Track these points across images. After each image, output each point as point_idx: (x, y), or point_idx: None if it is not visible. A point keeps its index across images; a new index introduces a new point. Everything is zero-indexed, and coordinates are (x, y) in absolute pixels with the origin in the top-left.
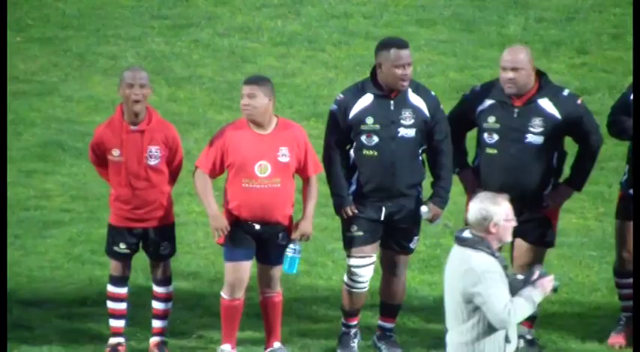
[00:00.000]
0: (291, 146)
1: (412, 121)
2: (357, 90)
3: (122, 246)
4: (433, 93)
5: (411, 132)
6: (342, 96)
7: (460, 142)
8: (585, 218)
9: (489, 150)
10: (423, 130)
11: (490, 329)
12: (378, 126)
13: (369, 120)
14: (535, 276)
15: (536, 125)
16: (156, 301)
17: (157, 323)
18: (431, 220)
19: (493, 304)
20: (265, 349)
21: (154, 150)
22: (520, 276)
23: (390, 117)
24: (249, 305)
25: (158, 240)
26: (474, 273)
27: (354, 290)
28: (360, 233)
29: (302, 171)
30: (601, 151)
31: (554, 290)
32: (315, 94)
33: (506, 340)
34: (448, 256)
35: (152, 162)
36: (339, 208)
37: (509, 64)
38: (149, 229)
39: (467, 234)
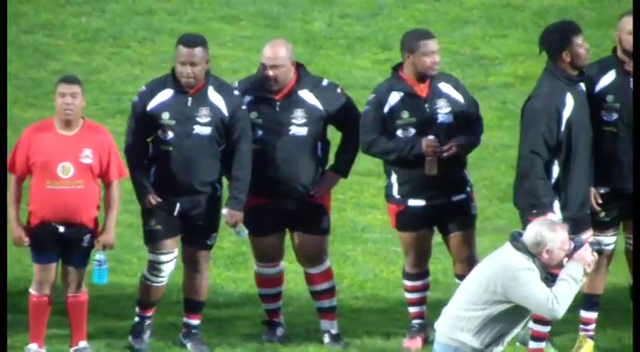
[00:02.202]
0: (94, 148)
1: (209, 119)
2: (159, 84)
3: None
4: (237, 92)
5: (206, 130)
6: (144, 88)
7: None
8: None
9: (255, 146)
10: (220, 129)
11: (490, 324)
12: (173, 122)
13: (165, 115)
14: (570, 250)
15: (299, 117)
16: None
17: None
18: (233, 225)
19: (535, 296)
20: (70, 347)
21: None
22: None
23: (186, 114)
24: (55, 302)
25: None
26: (513, 268)
27: (153, 284)
28: (159, 227)
29: (104, 175)
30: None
31: (599, 252)
32: (120, 91)
33: (497, 342)
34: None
35: None
36: (142, 197)
37: (271, 61)
38: None
39: (523, 238)
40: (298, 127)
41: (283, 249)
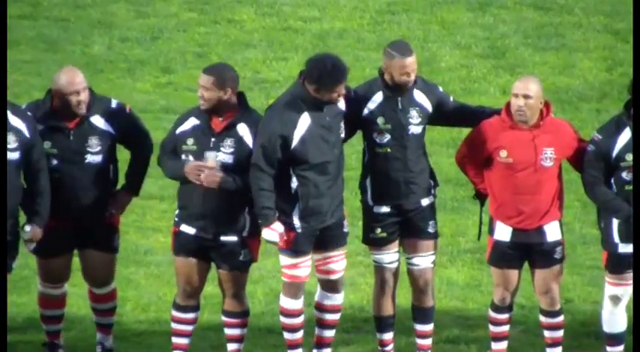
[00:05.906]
0: None
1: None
2: None
3: None
4: (29, 113)
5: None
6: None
7: None
8: None
9: (51, 175)
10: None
11: None
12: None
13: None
14: None
15: (94, 145)
16: None
17: None
18: (32, 240)
19: None
20: None
21: None
22: None
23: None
24: None
25: None
26: None
27: None
28: None
29: None
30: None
31: None
32: None
33: None
34: None
35: None
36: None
37: (73, 87)
38: None
39: None
40: (93, 156)
41: (70, 270)
